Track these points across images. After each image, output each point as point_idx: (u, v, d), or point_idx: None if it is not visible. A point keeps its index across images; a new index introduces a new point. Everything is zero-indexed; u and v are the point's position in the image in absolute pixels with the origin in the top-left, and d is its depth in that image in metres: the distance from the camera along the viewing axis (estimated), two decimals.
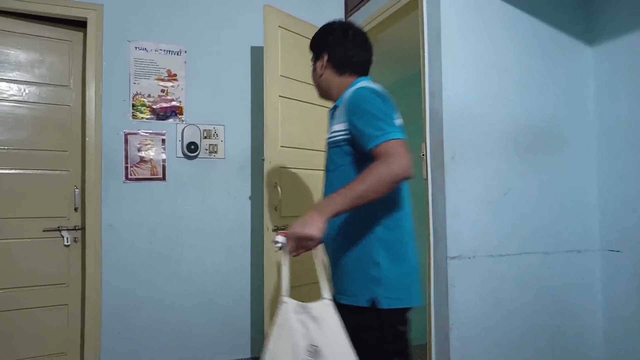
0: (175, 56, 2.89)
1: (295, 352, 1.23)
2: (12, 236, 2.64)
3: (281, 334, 1.27)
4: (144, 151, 2.80)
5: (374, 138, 1.34)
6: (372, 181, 1.28)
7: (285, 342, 1.25)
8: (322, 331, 1.25)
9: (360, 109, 1.40)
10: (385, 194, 1.31)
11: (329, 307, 1.29)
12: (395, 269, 1.41)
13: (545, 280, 2.36)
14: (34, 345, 2.66)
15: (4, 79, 2.65)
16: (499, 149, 2.33)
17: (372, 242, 1.43)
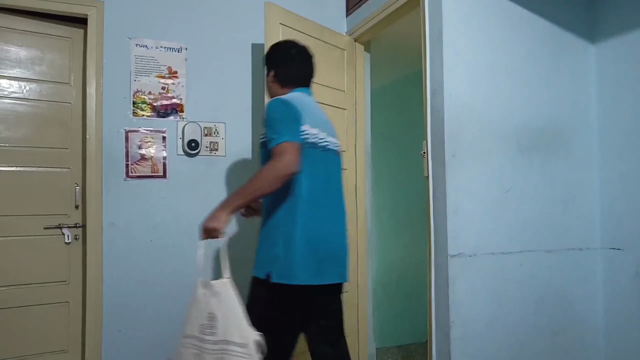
0: (176, 53, 2.88)
1: (198, 317, 1.62)
2: (13, 234, 2.64)
3: (192, 304, 1.68)
4: (144, 149, 2.79)
5: (272, 141, 1.68)
6: (262, 178, 1.62)
7: (192, 310, 1.67)
8: (219, 302, 1.60)
9: (268, 117, 1.75)
10: (276, 188, 1.63)
11: (226, 284, 1.62)
12: (289, 253, 1.70)
13: (546, 279, 2.36)
14: (35, 342, 2.66)
15: (5, 76, 2.65)
16: (500, 147, 2.32)
17: (275, 230, 1.75)
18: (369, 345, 3.20)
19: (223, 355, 1.54)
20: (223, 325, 1.57)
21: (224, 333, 1.56)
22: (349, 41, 3.15)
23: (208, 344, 1.58)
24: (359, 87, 3.20)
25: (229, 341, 1.55)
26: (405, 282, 4.03)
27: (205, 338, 1.59)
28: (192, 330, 1.64)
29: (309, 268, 1.72)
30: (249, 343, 1.53)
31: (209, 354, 1.57)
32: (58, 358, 2.72)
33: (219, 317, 1.58)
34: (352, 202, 3.11)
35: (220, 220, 1.65)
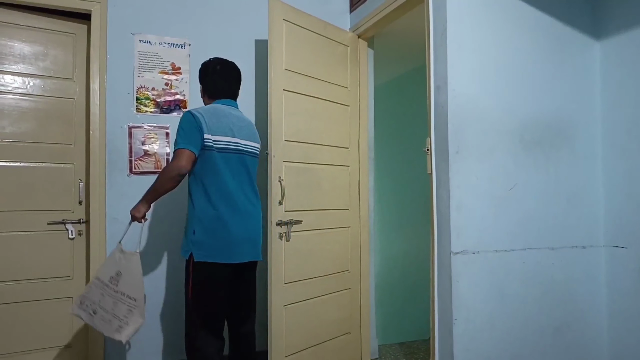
0: (180, 49, 2.88)
1: (110, 270, 2.22)
2: (17, 229, 2.65)
3: (109, 259, 2.28)
4: (148, 145, 2.80)
5: (174, 147, 2.16)
6: (160, 177, 2.17)
7: (107, 263, 2.27)
8: (127, 266, 2.20)
9: (178, 126, 2.18)
10: (173, 184, 2.15)
11: (135, 255, 2.22)
12: (206, 237, 2.15)
13: (550, 276, 2.36)
14: (39, 337, 2.67)
15: (9, 72, 2.65)
16: (504, 144, 2.31)
17: (192, 218, 2.19)
18: (372, 341, 3.20)
19: (118, 301, 2.15)
20: (124, 281, 2.17)
21: (123, 287, 2.16)
22: (353, 37, 3.14)
23: (111, 290, 2.19)
24: (362, 84, 3.19)
25: (124, 293, 2.15)
26: (407, 278, 4.03)
27: (110, 285, 2.20)
28: (103, 276, 2.23)
29: (221, 249, 2.17)
30: (138, 298, 2.13)
31: (109, 296, 2.18)
32: (62, 353, 2.74)
33: (123, 275, 2.19)
34: (354, 199, 3.11)
35: (140, 211, 2.24)
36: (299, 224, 2.67)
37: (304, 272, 2.72)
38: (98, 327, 2.17)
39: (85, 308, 2.22)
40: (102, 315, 2.17)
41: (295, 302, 2.65)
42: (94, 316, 2.19)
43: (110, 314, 2.15)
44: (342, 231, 3.02)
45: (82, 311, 2.23)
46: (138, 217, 2.24)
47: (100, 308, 2.18)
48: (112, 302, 2.16)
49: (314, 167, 2.81)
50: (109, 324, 2.14)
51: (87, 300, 2.22)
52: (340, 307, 2.98)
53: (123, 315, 2.12)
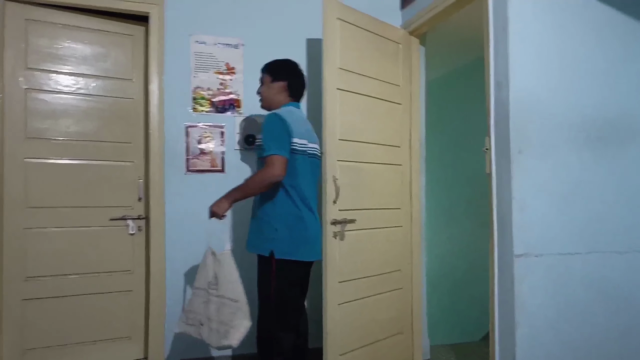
0: (234, 49, 2.92)
1: (207, 276, 2.20)
2: (81, 224, 2.76)
3: (202, 265, 2.25)
4: (203, 143, 2.86)
5: (264, 150, 2.16)
6: (253, 182, 2.19)
7: (202, 269, 2.25)
8: (220, 267, 2.15)
9: (265, 129, 2.20)
10: (263, 190, 2.20)
11: (226, 255, 2.16)
12: (288, 234, 2.20)
13: (616, 281, 2.26)
14: (101, 328, 2.78)
15: (73, 73, 2.76)
16: (568, 142, 2.24)
17: (275, 217, 2.23)
18: (424, 342, 3.17)
19: (221, 305, 2.11)
20: (222, 284, 2.13)
21: (222, 289, 2.13)
22: (404, 34, 3.10)
23: (212, 296, 2.15)
24: (414, 81, 3.15)
25: (224, 296, 2.11)
26: (458, 279, 3.97)
27: (210, 291, 2.16)
28: (201, 284, 2.21)
29: (303, 247, 2.24)
30: (239, 299, 2.08)
31: (213, 303, 2.14)
32: (122, 344, 2.84)
33: (220, 278, 2.15)
34: (406, 198, 3.08)
35: (222, 208, 2.18)
36: (353, 222, 2.66)
37: (357, 271, 2.72)
38: (207, 339, 2.14)
39: (192, 322, 2.19)
40: (208, 325, 2.13)
41: (349, 301, 2.65)
42: (201, 328, 2.15)
43: (216, 321, 2.11)
44: (393, 230, 3.00)
45: (189, 326, 2.20)
46: (219, 213, 2.19)
47: (206, 318, 2.15)
48: (215, 309, 2.12)
49: (367, 166, 2.79)
50: (216, 332, 2.10)
51: (191, 313, 2.19)
52: (392, 306, 2.96)
53: (228, 319, 2.08)
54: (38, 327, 2.65)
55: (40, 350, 2.65)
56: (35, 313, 2.64)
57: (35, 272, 2.65)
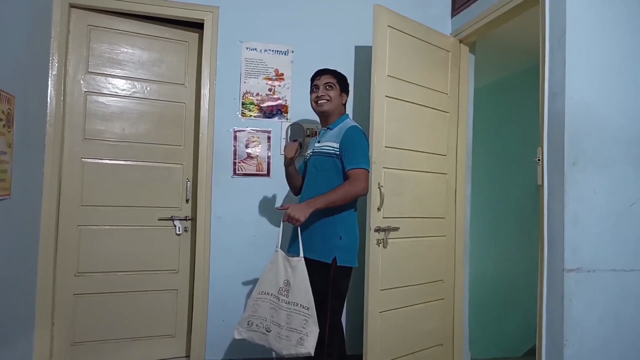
0: (283, 56, 2.97)
1: (277, 281, 2.11)
2: (131, 223, 2.86)
3: (271, 269, 2.14)
4: (251, 148, 2.91)
5: (351, 163, 2.18)
6: (341, 194, 2.14)
7: (271, 274, 2.14)
8: (294, 274, 2.08)
9: (351, 141, 2.21)
10: (347, 202, 2.18)
11: (301, 261, 2.09)
12: (349, 242, 2.22)
13: None
14: (145, 325, 2.87)
15: (130, 77, 2.87)
16: (625, 155, 2.15)
17: (340, 224, 2.22)
18: (465, 354, 3.11)
19: (292, 313, 2.04)
20: (294, 291, 2.06)
21: (294, 297, 2.05)
22: (454, 42, 3.07)
23: (283, 302, 2.07)
24: (462, 90, 3.11)
25: (297, 303, 2.04)
26: (500, 292, 3.86)
27: (281, 298, 2.08)
28: (270, 289, 2.12)
29: (356, 253, 2.27)
30: (310, 307, 2.01)
31: (283, 310, 2.06)
32: (166, 342, 2.91)
33: (292, 285, 2.07)
34: (451, 207, 3.04)
35: (303, 214, 2.08)
36: (396, 230, 2.65)
37: (400, 279, 2.69)
38: (274, 346, 2.06)
39: (256, 328, 2.11)
40: (277, 332, 2.05)
41: (391, 309, 2.63)
42: (268, 335, 2.07)
43: (286, 328, 2.03)
44: (437, 240, 2.96)
45: (252, 332, 2.12)
46: (298, 219, 2.08)
47: (274, 324, 2.07)
48: (285, 315, 2.04)
49: (411, 174, 2.77)
50: (287, 340, 2.02)
51: (256, 319, 2.11)
52: (434, 317, 2.92)
53: (301, 327, 2.01)
54: (87, 321, 2.75)
55: (87, 344, 2.75)
56: (84, 308, 2.75)
57: (86, 268, 2.76)
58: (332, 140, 2.26)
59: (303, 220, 2.07)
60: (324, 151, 2.28)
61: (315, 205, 2.11)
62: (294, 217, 2.07)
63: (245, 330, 2.13)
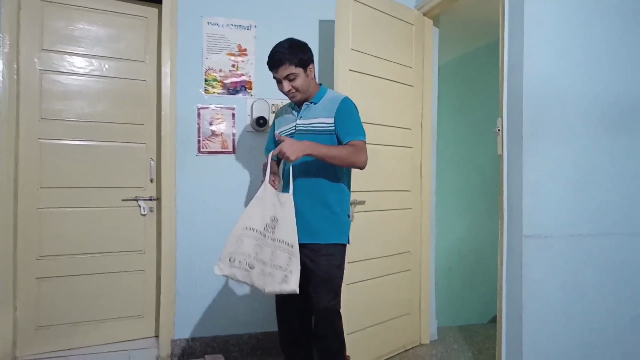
0: (246, 31, 2.92)
1: (263, 216, 1.98)
2: (94, 204, 2.80)
3: (258, 204, 2.01)
4: (215, 125, 2.87)
5: (351, 135, 2.06)
6: (345, 154, 2.01)
7: (257, 209, 2.01)
8: (282, 210, 1.96)
9: (349, 113, 2.11)
10: (342, 166, 2.08)
11: (290, 198, 1.96)
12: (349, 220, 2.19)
13: (629, 263, 2.26)
14: (113, 307, 2.84)
15: (88, 55, 2.78)
16: (583, 126, 2.22)
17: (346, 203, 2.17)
18: (431, 323, 3.20)
19: (277, 250, 1.92)
20: (281, 227, 1.94)
21: (280, 233, 1.94)
22: (418, 16, 3.07)
23: (268, 239, 1.95)
24: (427, 63, 3.13)
25: (282, 240, 1.92)
26: (466, 262, 3.97)
27: (267, 234, 1.96)
28: (256, 225, 1.99)
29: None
30: (294, 245, 1.89)
31: (267, 246, 1.95)
32: (134, 322, 2.90)
33: (279, 221, 1.96)
34: (416, 180, 3.08)
35: (295, 154, 1.91)
36: (362, 204, 2.68)
37: (366, 252, 2.73)
38: (256, 284, 1.94)
39: (239, 265, 1.97)
40: (261, 269, 1.93)
41: (357, 281, 2.67)
42: (250, 271, 1.95)
43: (270, 265, 1.91)
44: (403, 212, 3.00)
45: (234, 269, 1.98)
46: (290, 159, 1.91)
47: (258, 261, 1.95)
48: (270, 252, 1.93)
49: (377, 148, 2.79)
50: (270, 277, 1.90)
51: (239, 255, 1.97)
52: (401, 288, 2.98)
53: (285, 264, 1.89)
54: (51, 305, 2.70)
55: (53, 328, 2.71)
56: (48, 292, 2.70)
57: (48, 251, 2.70)
58: (323, 115, 2.10)
59: (293, 159, 1.91)
60: (316, 129, 2.10)
61: (313, 151, 1.95)
62: (284, 154, 1.91)
63: (227, 267, 1.98)
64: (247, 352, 2.92)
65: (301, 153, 1.91)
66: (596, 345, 2.23)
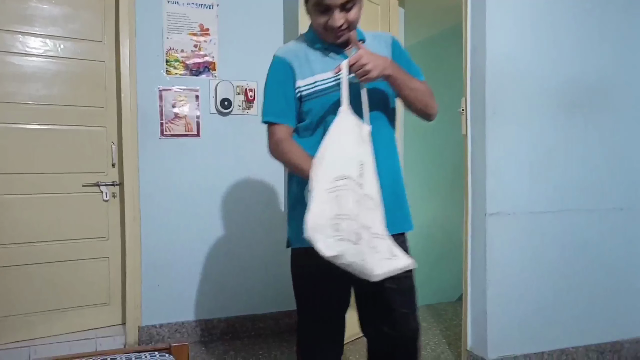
0: (207, 10, 2.84)
1: (351, 158, 1.31)
2: (53, 191, 2.70)
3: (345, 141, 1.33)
4: (178, 107, 2.80)
5: (421, 76, 1.60)
6: (424, 89, 1.54)
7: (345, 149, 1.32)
8: (366, 153, 1.35)
9: (405, 53, 1.65)
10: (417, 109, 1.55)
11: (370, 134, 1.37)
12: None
13: (587, 239, 2.33)
14: (77, 295, 2.76)
15: (40, 35, 2.65)
16: (543, 106, 2.26)
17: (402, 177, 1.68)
18: None
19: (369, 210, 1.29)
20: (368, 178, 1.31)
21: (368, 186, 1.31)
22: None
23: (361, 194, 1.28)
24: None
25: (371, 196, 1.30)
26: (434, 242, 4.02)
27: (362, 185, 1.30)
28: (349, 170, 1.28)
29: None
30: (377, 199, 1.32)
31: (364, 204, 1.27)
32: (100, 310, 2.84)
33: (366, 169, 1.32)
34: None
35: (379, 67, 1.34)
36: None
37: None
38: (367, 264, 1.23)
39: (345, 235, 1.23)
40: (367, 238, 1.24)
41: None
42: (359, 245, 1.23)
43: (370, 232, 1.26)
44: None
45: (343, 243, 1.22)
46: (373, 75, 1.34)
47: (364, 227, 1.24)
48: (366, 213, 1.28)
49: None
50: (376, 251, 1.25)
51: (344, 220, 1.23)
52: None
53: (381, 231, 1.29)
54: (10, 295, 2.60)
55: (13, 318, 2.61)
56: (6, 281, 2.60)
57: (4, 239, 2.58)
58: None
59: (376, 76, 1.34)
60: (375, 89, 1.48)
61: (394, 72, 1.41)
62: (364, 66, 1.32)
63: (334, 241, 1.22)
64: (217, 337, 2.90)
65: (384, 71, 1.36)
66: (556, 318, 2.30)
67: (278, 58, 1.53)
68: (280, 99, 1.51)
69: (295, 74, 1.49)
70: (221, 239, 2.90)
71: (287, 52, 1.54)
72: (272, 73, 1.55)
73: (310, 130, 1.51)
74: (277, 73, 1.52)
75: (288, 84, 1.50)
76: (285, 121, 1.51)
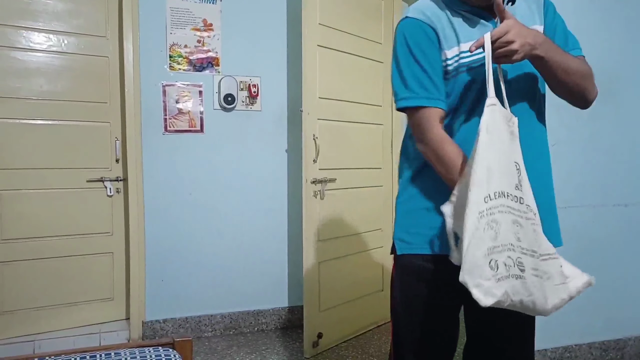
0: (211, 5, 2.83)
1: (507, 167, 1.02)
2: (57, 186, 2.71)
3: (493, 141, 1.01)
4: (181, 103, 2.80)
5: (578, 49, 1.25)
6: (584, 69, 1.19)
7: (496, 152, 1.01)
8: (519, 149, 1.06)
9: (561, 18, 1.27)
10: (570, 95, 1.23)
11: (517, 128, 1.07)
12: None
13: (590, 234, 2.31)
14: (82, 290, 2.78)
15: (44, 30, 2.65)
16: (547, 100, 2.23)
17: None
18: None
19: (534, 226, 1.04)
20: (525, 184, 1.04)
21: (527, 195, 1.03)
22: None
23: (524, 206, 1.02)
24: None
25: (530, 207, 1.03)
26: None
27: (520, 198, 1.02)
28: (504, 184, 1.00)
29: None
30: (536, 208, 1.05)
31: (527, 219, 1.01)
32: (104, 305, 2.85)
33: (522, 171, 1.04)
34: (387, 157, 3.08)
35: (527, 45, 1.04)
36: (333, 182, 2.66)
37: (338, 230, 2.74)
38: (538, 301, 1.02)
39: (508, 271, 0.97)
40: (532, 267, 1.01)
41: (330, 259, 2.68)
42: (524, 278, 0.99)
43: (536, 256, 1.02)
44: (374, 190, 3.01)
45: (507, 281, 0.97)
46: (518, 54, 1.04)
47: (526, 253, 1.01)
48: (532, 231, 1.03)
49: (347, 125, 2.78)
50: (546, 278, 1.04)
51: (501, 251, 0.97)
52: (373, 265, 3.00)
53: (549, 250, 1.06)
54: (16, 289, 2.62)
55: (19, 312, 2.63)
56: (12, 276, 2.61)
57: (10, 234, 2.60)
58: (535, 22, 1.22)
59: (521, 58, 1.06)
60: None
61: (548, 53, 1.09)
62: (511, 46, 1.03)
63: (494, 282, 0.95)
64: (220, 332, 2.91)
65: (532, 51, 1.06)
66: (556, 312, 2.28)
67: (415, 21, 1.17)
68: (426, 74, 1.15)
69: (441, 42, 1.16)
70: (225, 235, 2.91)
71: (426, 12, 1.17)
72: (410, 40, 1.16)
73: (447, 118, 1.19)
74: (418, 40, 1.15)
75: (434, 55, 1.16)
76: (436, 103, 1.15)
